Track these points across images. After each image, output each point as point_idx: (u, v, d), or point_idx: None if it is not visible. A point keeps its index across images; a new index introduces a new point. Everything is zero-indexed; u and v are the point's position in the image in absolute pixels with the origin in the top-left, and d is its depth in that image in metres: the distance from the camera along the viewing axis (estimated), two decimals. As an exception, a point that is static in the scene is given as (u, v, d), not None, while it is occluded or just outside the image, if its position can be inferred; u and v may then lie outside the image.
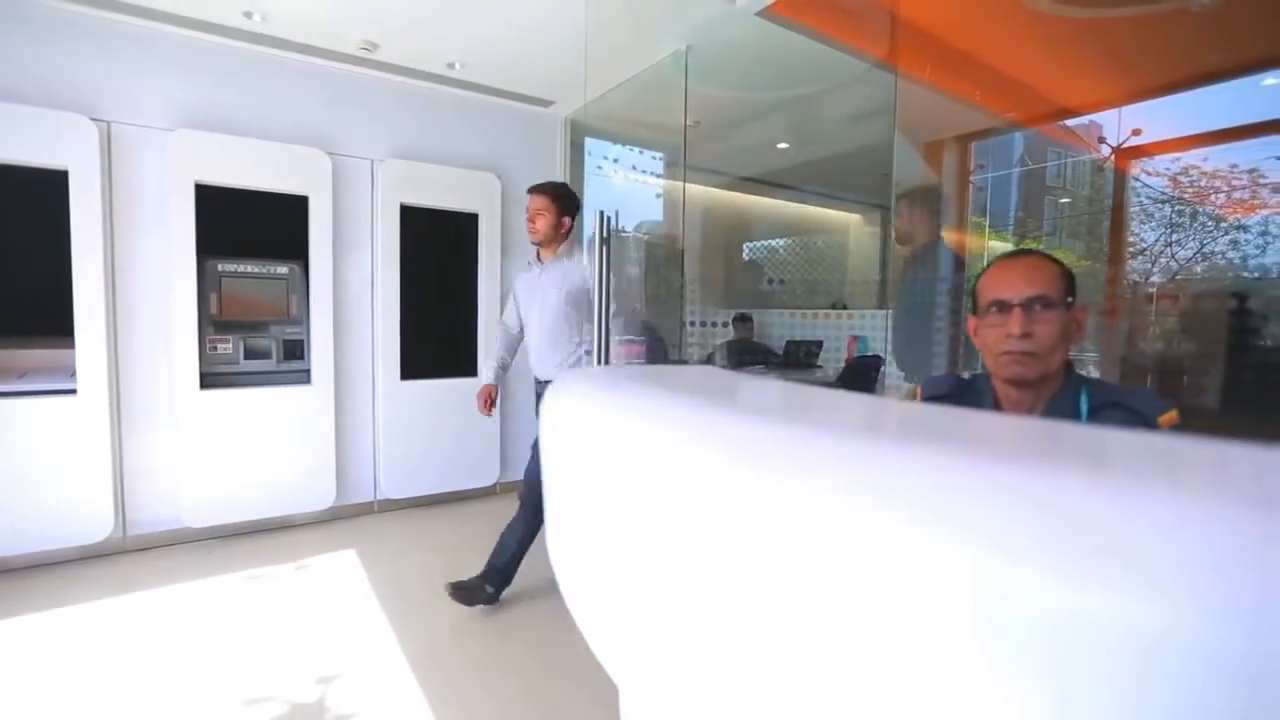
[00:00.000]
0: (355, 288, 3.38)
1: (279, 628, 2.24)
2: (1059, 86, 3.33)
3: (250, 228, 3.02)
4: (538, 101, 3.76)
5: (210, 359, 2.97)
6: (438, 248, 3.59)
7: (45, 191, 2.59)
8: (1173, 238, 3.74)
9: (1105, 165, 3.58)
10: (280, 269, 3.13)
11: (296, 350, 3.18)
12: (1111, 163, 3.50)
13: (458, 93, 3.58)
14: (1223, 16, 2.47)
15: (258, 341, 3.10)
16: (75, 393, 2.67)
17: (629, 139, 4.42)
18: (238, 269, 3.03)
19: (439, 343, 3.63)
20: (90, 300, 2.67)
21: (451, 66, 3.27)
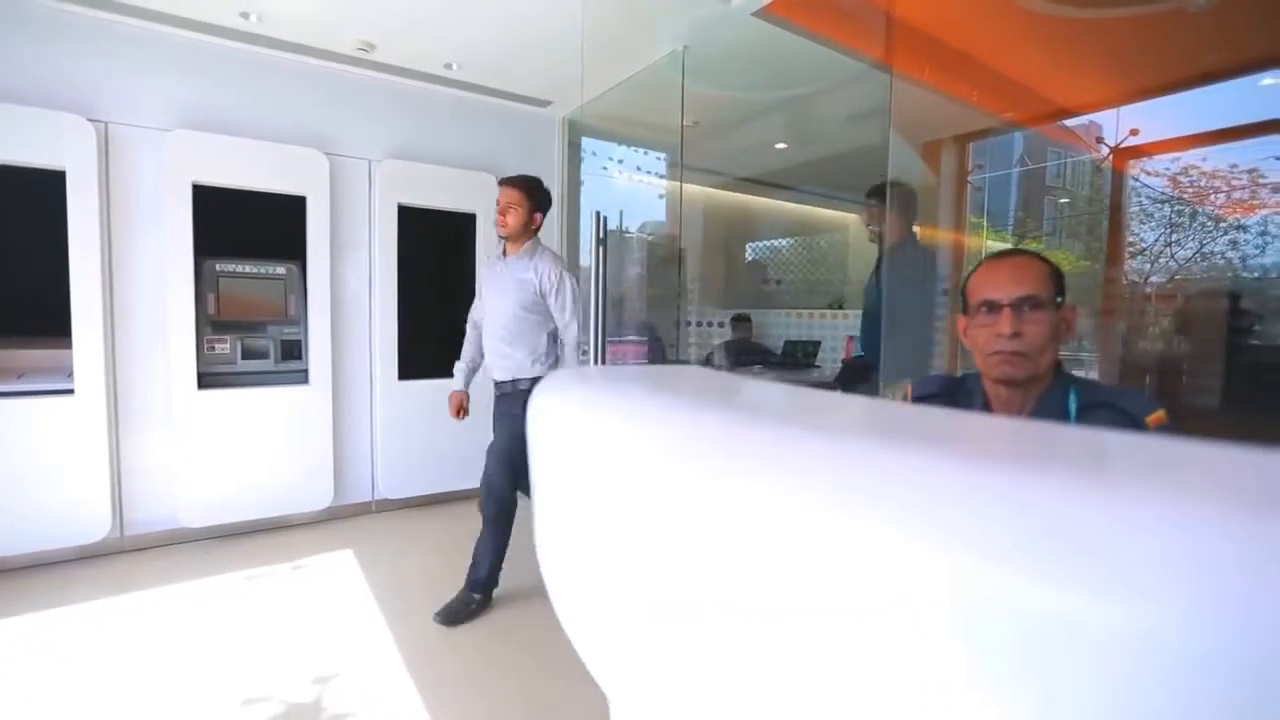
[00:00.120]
0: (353, 288, 3.38)
1: (276, 628, 2.24)
2: (1057, 86, 3.33)
3: (248, 228, 3.02)
4: (535, 102, 3.76)
5: (208, 359, 2.97)
6: (435, 248, 3.59)
7: (43, 192, 2.59)
8: (1172, 238, 3.74)
9: (1104, 165, 3.58)
10: (278, 269, 3.13)
11: (294, 350, 3.18)
12: (1110, 163, 3.50)
13: (455, 93, 3.58)
14: (1220, 16, 2.47)
15: (255, 342, 3.10)
16: (73, 393, 2.67)
17: (626, 139, 4.42)
18: (235, 269, 3.03)
19: (437, 343, 3.62)
20: (88, 300, 2.67)
21: (449, 67, 3.27)
